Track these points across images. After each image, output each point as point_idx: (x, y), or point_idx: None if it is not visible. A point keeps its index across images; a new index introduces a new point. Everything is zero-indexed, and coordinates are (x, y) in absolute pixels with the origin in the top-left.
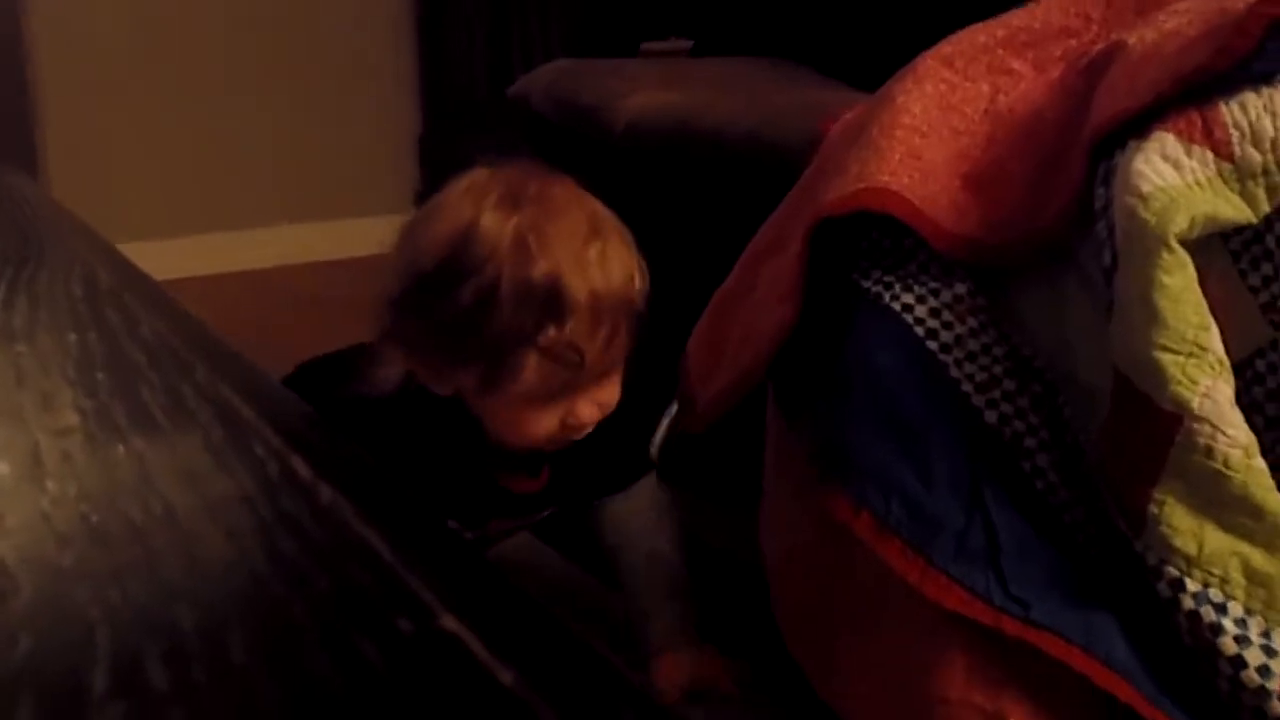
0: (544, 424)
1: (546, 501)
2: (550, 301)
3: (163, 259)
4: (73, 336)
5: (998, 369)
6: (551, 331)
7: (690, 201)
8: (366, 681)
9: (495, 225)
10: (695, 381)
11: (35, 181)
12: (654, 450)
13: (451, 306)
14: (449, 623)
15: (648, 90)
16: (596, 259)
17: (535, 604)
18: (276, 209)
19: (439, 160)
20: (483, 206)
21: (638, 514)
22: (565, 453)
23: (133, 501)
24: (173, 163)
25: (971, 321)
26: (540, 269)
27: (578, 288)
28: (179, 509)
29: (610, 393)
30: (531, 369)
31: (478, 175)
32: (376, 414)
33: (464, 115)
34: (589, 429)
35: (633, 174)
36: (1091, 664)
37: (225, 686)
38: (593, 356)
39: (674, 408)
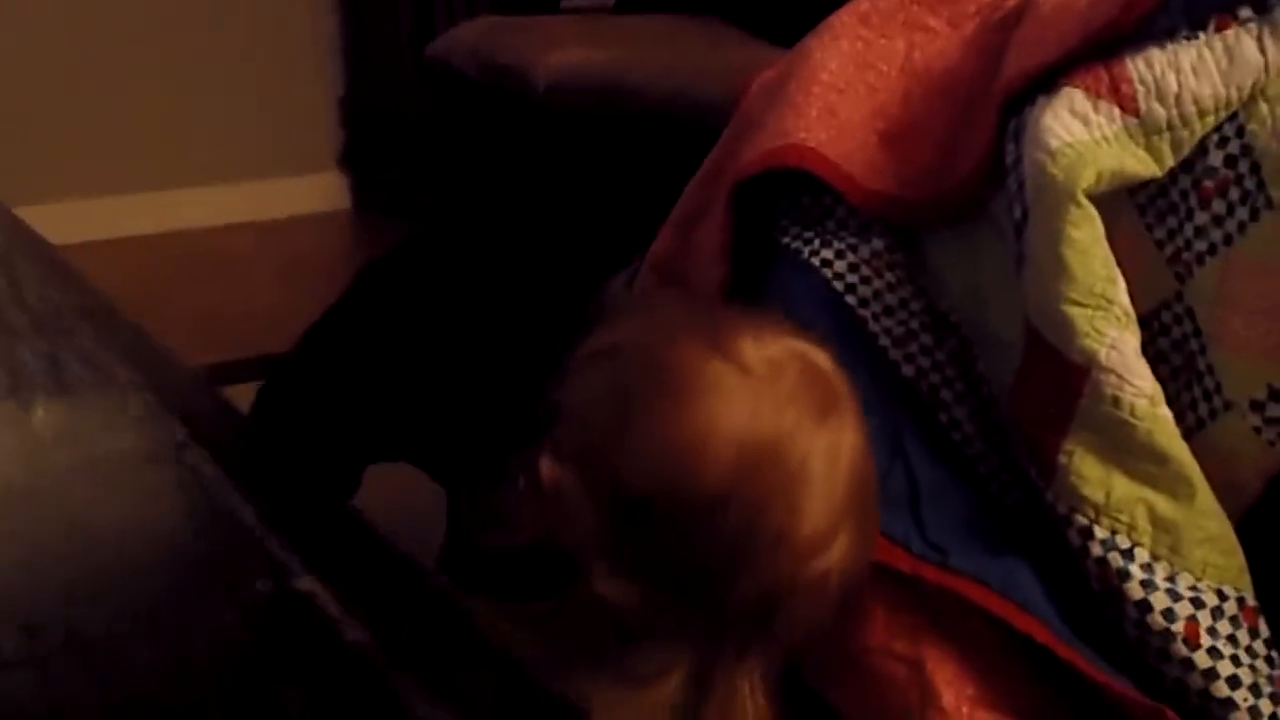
0: None
1: None
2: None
3: (78, 222)
4: None
5: (915, 323)
6: None
7: (615, 161)
8: (223, 643)
9: (826, 467)
10: None
11: None
12: None
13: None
14: (305, 583)
15: (570, 48)
16: None
17: (403, 561)
18: (194, 170)
19: (361, 121)
20: (793, 413)
21: None
22: None
23: (4, 462)
24: (86, 123)
25: (889, 276)
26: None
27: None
28: (50, 471)
29: None
30: None
31: (734, 326)
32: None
33: (387, 75)
34: None
35: (556, 134)
36: (1009, 608)
37: (80, 651)
38: None
39: None
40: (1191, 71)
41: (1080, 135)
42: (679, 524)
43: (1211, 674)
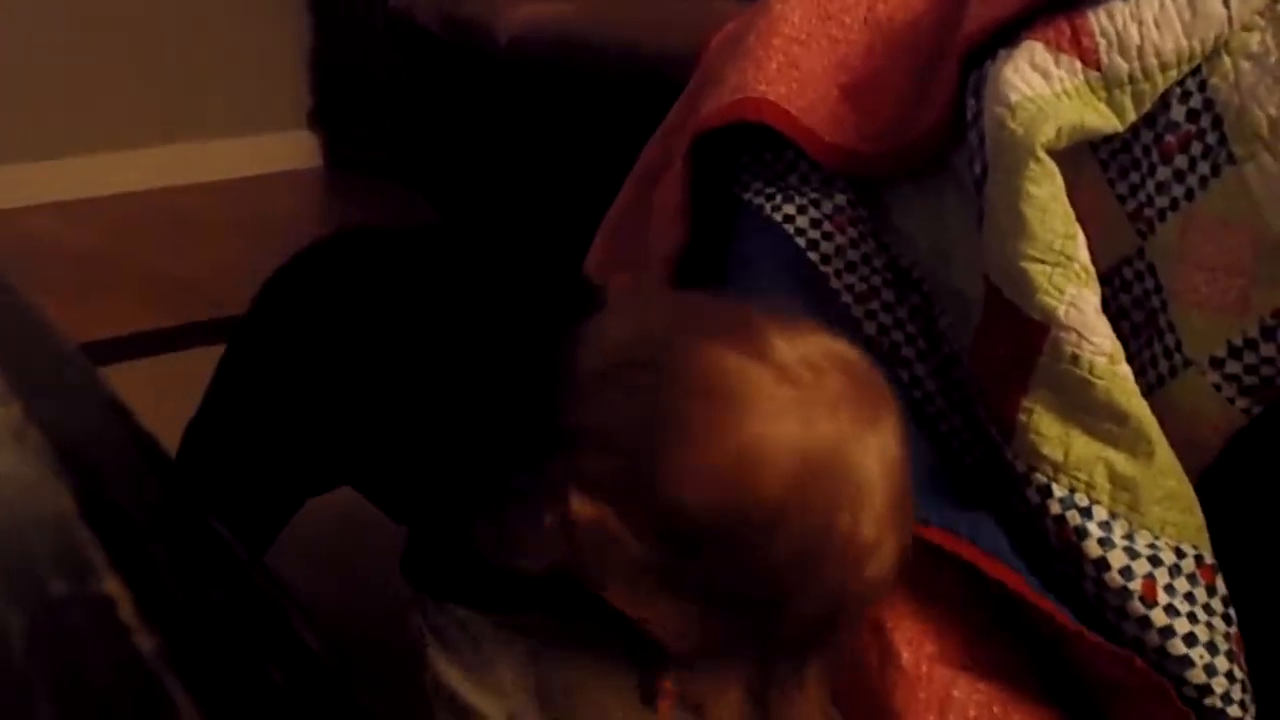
0: None
1: None
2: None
3: (41, 184)
4: None
5: (876, 279)
6: None
7: (577, 117)
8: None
9: (880, 472)
10: None
11: None
12: None
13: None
14: (110, 585)
15: (532, 2)
16: None
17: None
18: (160, 128)
19: (331, 78)
20: (846, 418)
21: None
22: None
23: None
24: (49, 82)
25: (851, 232)
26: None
27: None
28: None
29: None
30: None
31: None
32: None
33: (357, 31)
34: None
35: (518, 90)
36: (980, 555)
37: None
38: None
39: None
40: (1154, 24)
41: (1041, 89)
42: (736, 545)
43: (1168, 631)
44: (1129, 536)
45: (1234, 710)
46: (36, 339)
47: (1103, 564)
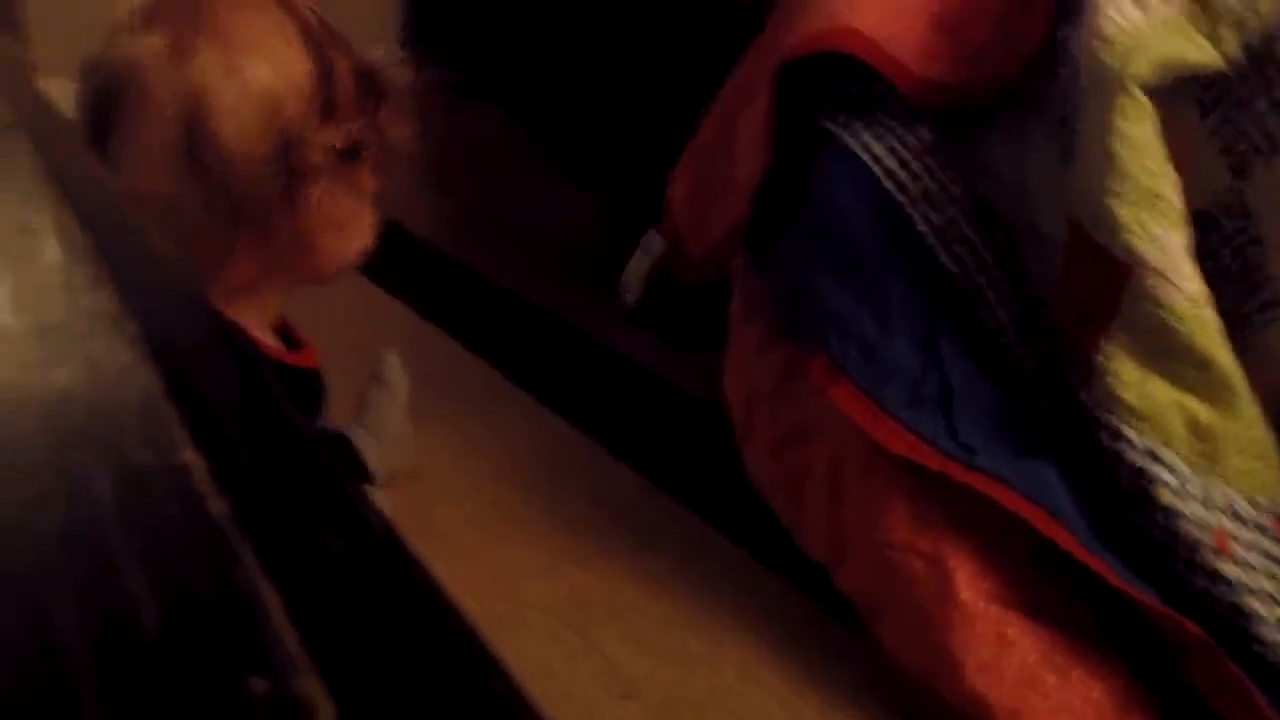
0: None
1: None
2: None
3: None
4: None
5: (960, 217)
6: None
7: (665, 36)
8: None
9: None
10: (685, 235)
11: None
12: (624, 290)
13: None
14: (188, 456)
15: None
16: None
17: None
18: None
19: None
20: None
21: None
22: None
23: None
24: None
25: (935, 167)
26: None
27: None
28: None
29: None
30: None
31: None
32: None
33: None
34: None
35: (608, 13)
36: (1034, 511)
37: None
38: None
39: (648, 248)
40: None
41: (1137, 20)
42: None
43: (1240, 586)
44: (1204, 487)
45: None
46: (133, 236)
47: (1175, 514)
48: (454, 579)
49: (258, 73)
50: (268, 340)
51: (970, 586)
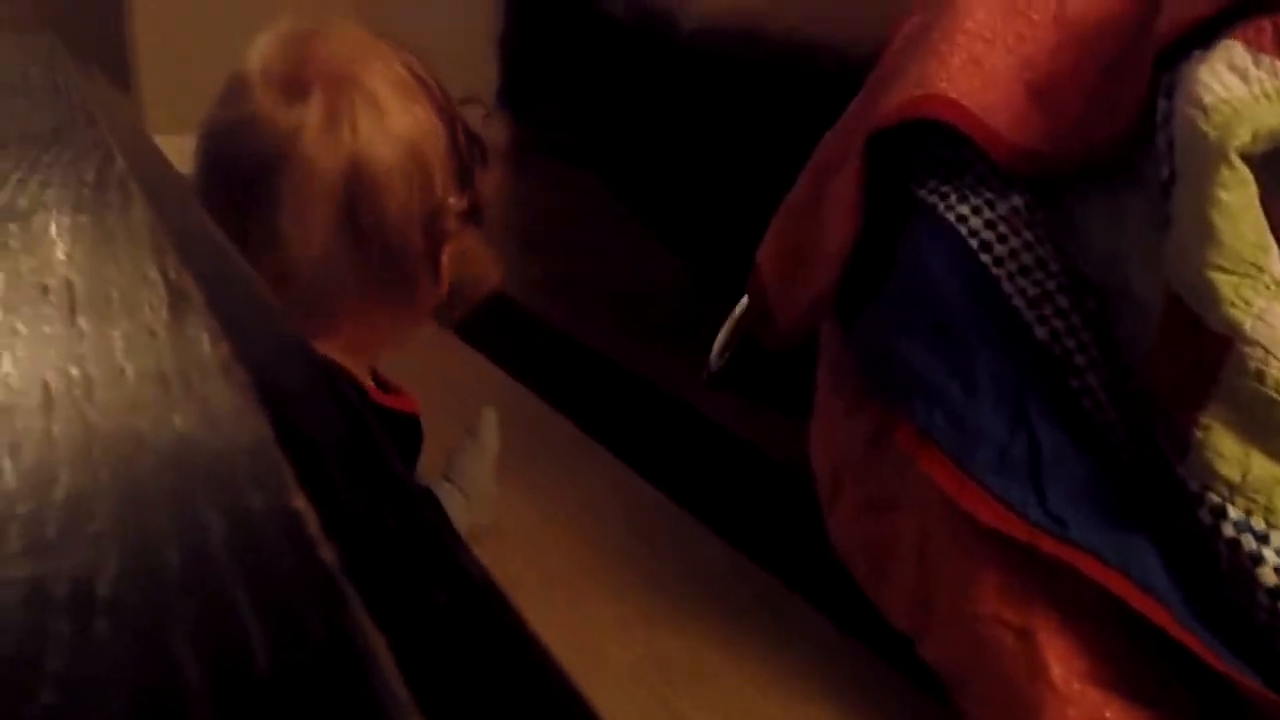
0: None
1: None
2: None
3: None
4: (66, 219)
5: (1051, 284)
6: None
7: (756, 107)
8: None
9: None
10: (772, 300)
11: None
12: (713, 357)
13: None
14: (299, 502)
15: None
16: None
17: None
18: None
19: (519, 60)
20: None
21: None
22: None
23: (54, 374)
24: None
25: (1027, 235)
26: None
27: None
28: (97, 385)
29: None
30: None
31: None
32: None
33: (545, 14)
34: None
35: (699, 77)
36: (1127, 586)
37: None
38: None
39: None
40: None
41: (1238, 91)
42: None
43: None
44: None
45: None
46: (240, 285)
47: (1278, 593)
48: None
49: (411, 141)
50: (371, 386)
51: (1062, 663)
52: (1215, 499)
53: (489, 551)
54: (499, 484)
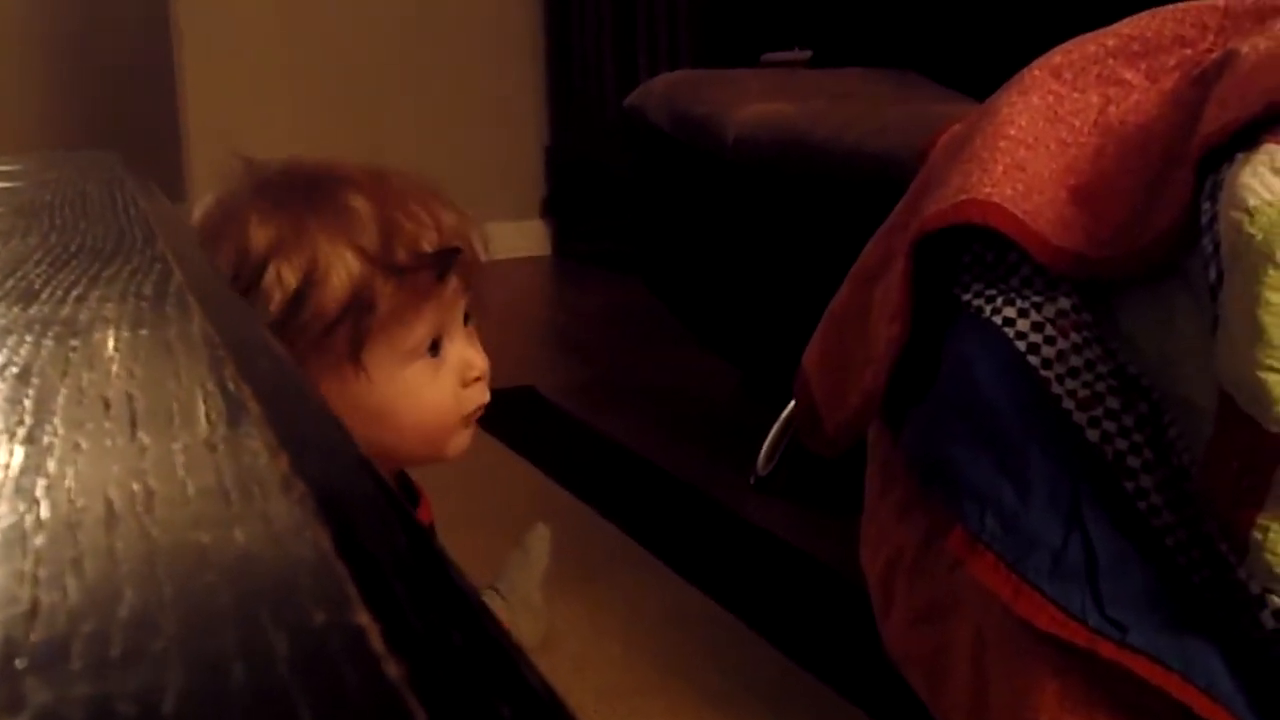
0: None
1: None
2: None
3: None
4: (126, 333)
5: (1101, 386)
6: None
7: (800, 214)
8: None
9: None
10: (819, 405)
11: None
12: (761, 462)
13: None
14: (362, 617)
15: (760, 101)
16: None
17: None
18: None
19: (565, 171)
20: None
21: None
22: None
23: (116, 488)
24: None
25: (1075, 337)
26: None
27: None
28: (159, 499)
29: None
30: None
31: None
32: None
33: (591, 127)
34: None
35: (743, 186)
36: (1190, 691)
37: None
38: None
39: (784, 418)
40: None
41: None
42: None
43: None
44: None
45: None
46: (298, 396)
47: None
48: None
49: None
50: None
51: None
52: (1278, 601)
53: (541, 664)
54: (548, 598)
